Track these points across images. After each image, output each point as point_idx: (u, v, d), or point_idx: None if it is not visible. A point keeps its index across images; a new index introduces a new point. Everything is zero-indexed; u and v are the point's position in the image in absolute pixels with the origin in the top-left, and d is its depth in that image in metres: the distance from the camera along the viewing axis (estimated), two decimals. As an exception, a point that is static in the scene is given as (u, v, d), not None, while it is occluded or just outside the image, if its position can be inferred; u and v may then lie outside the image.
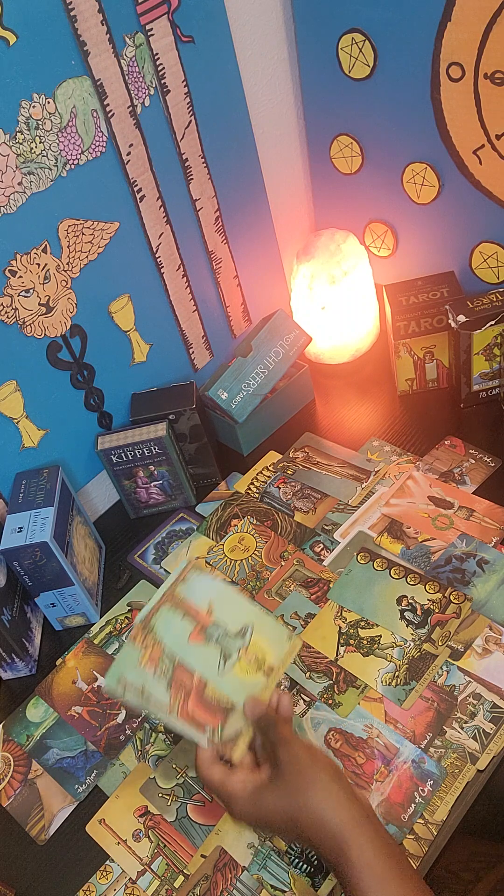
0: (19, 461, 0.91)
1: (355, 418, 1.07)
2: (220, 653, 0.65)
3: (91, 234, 0.86)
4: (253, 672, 0.64)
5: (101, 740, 0.79)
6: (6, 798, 0.77)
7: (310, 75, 1.02)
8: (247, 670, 0.64)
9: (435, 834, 0.66)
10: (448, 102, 0.89)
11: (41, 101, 0.75)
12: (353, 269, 1.05)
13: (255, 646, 0.65)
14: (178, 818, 0.71)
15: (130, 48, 0.80)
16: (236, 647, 0.65)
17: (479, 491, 0.92)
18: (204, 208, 0.98)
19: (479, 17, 0.80)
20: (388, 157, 1.01)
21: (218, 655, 0.65)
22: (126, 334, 0.97)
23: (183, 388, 0.99)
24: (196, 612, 0.67)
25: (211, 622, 0.66)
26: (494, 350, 0.97)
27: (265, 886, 0.66)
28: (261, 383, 1.02)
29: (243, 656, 0.65)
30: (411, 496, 0.93)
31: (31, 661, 0.87)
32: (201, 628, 0.66)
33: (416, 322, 1.00)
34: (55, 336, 0.88)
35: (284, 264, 1.17)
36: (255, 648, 0.65)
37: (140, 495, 0.99)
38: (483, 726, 0.71)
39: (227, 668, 0.64)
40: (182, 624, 0.66)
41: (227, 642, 0.65)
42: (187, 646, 0.65)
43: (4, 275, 0.79)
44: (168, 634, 0.65)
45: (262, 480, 1.02)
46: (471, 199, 0.96)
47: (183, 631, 0.66)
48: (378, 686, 0.76)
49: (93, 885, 0.69)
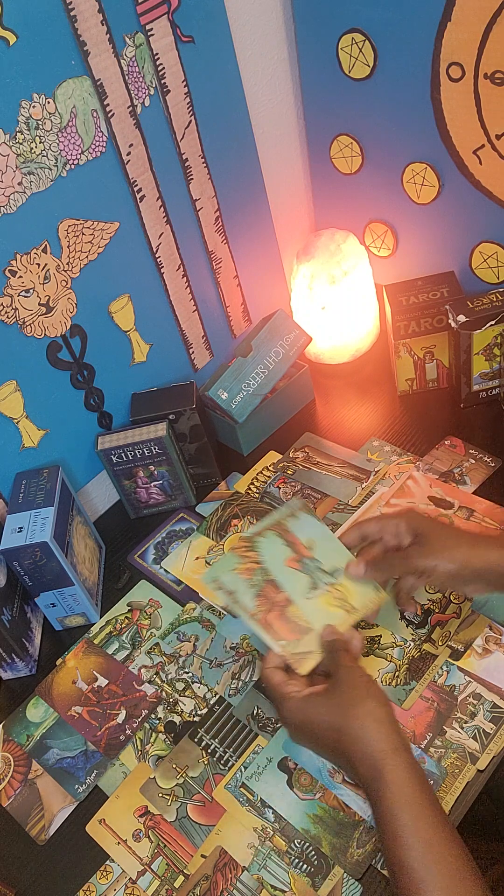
0: (19, 461, 0.91)
1: (355, 418, 1.07)
2: (311, 581, 0.72)
3: (91, 234, 0.86)
4: (336, 606, 0.70)
5: (101, 740, 0.79)
6: (6, 798, 0.77)
7: (310, 75, 1.02)
8: (330, 603, 0.70)
9: (435, 834, 0.66)
10: (448, 102, 0.89)
11: (41, 101, 0.75)
12: (353, 269, 1.05)
13: (343, 586, 0.72)
14: (178, 818, 0.71)
15: (130, 48, 0.80)
16: (324, 581, 0.72)
17: (479, 491, 0.92)
18: (204, 208, 0.98)
19: (479, 17, 0.80)
20: (388, 157, 1.01)
21: (308, 583, 0.72)
22: (126, 334, 0.97)
23: (183, 388, 0.99)
24: (297, 543, 0.75)
25: (308, 555, 0.74)
26: (494, 350, 0.97)
27: (265, 886, 0.66)
28: (261, 383, 1.02)
29: (330, 590, 0.71)
30: (411, 496, 0.93)
31: (31, 661, 0.87)
32: (299, 558, 0.74)
33: (416, 322, 1.00)
34: (55, 336, 0.88)
35: (284, 264, 1.17)
36: (342, 588, 0.72)
37: (140, 495, 0.99)
38: (483, 726, 0.71)
39: (313, 595, 0.70)
40: (283, 549, 0.74)
41: (318, 575, 0.72)
42: (283, 567, 0.72)
43: (4, 275, 0.79)
44: (268, 554, 0.73)
45: (262, 480, 1.02)
46: (471, 199, 0.96)
47: (282, 555, 0.73)
48: (378, 686, 0.76)
49: (93, 885, 0.69)
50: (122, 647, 0.87)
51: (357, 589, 0.72)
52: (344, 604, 0.71)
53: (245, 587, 0.70)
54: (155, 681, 0.82)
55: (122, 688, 0.83)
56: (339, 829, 0.67)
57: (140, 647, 0.86)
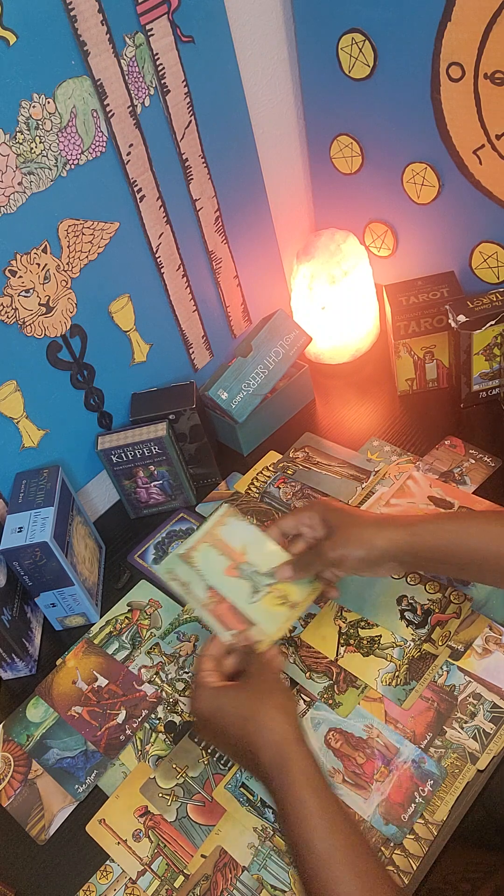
0: (19, 461, 0.91)
1: (355, 418, 1.07)
2: (252, 586, 0.74)
3: (91, 234, 0.86)
4: (279, 605, 0.73)
5: (101, 740, 0.79)
6: (6, 798, 0.77)
7: (310, 75, 1.02)
8: (274, 603, 0.73)
9: (435, 834, 0.66)
10: (448, 102, 0.89)
11: (41, 101, 0.75)
12: (353, 269, 1.05)
13: (282, 585, 0.74)
14: (178, 818, 0.71)
15: (130, 48, 0.80)
16: (264, 584, 0.74)
17: (479, 491, 0.92)
18: (204, 208, 0.98)
19: (479, 17, 0.80)
20: (388, 157, 1.01)
21: (249, 588, 0.74)
22: (126, 334, 0.97)
23: (183, 388, 0.99)
24: (232, 550, 0.77)
25: (244, 561, 0.76)
26: (494, 350, 0.97)
27: (265, 886, 0.66)
28: (261, 383, 1.02)
29: (272, 591, 0.74)
30: (411, 496, 0.93)
31: (31, 661, 0.87)
32: (236, 565, 0.76)
33: (416, 322, 1.00)
34: (55, 336, 0.88)
35: (284, 264, 1.17)
36: (281, 586, 0.74)
37: (140, 495, 0.99)
38: (483, 726, 0.71)
39: (256, 599, 0.73)
40: (219, 559, 0.76)
41: (256, 579, 0.75)
42: (223, 577, 0.75)
43: (4, 275, 0.79)
44: (206, 567, 0.75)
45: (262, 480, 1.02)
46: (471, 199, 0.96)
47: (220, 565, 0.75)
48: (378, 686, 0.76)
49: (93, 885, 0.69)
50: (122, 647, 0.87)
51: (295, 586, 0.75)
52: (286, 601, 0.73)
53: (197, 579, 0.73)
54: (155, 681, 0.82)
55: (122, 688, 0.83)
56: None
57: (140, 647, 0.86)
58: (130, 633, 0.88)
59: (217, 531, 0.79)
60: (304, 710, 0.76)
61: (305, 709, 0.76)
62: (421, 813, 0.67)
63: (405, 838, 0.66)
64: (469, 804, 0.67)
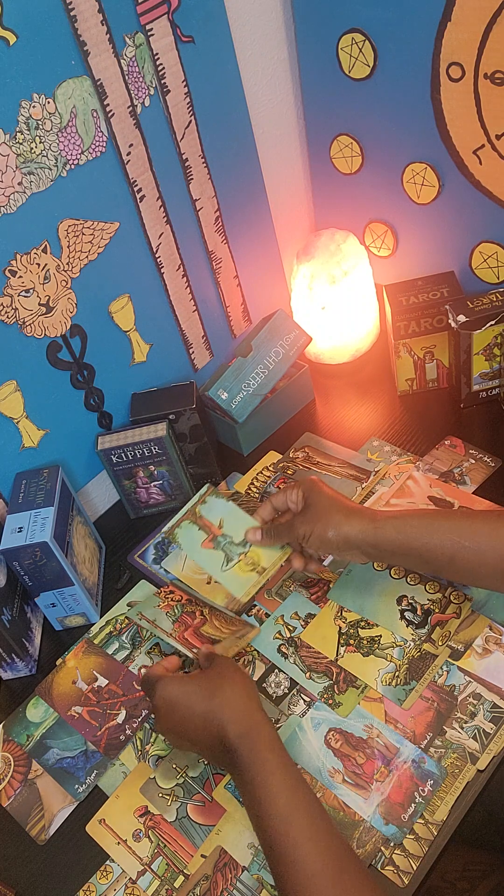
0: (19, 461, 0.91)
1: (355, 418, 1.07)
2: (224, 556, 0.84)
3: (91, 234, 0.86)
4: (248, 571, 0.82)
5: (101, 740, 0.79)
6: (6, 798, 0.77)
7: (310, 75, 1.02)
8: (244, 570, 0.83)
9: (435, 834, 0.66)
10: (448, 102, 0.89)
11: (41, 101, 0.75)
12: (353, 269, 1.05)
13: (253, 552, 0.83)
14: (178, 818, 0.71)
15: (130, 48, 0.80)
16: (237, 553, 0.84)
17: (479, 491, 0.92)
18: (204, 208, 0.98)
19: (479, 17, 0.80)
20: (388, 157, 1.01)
21: (223, 558, 0.84)
22: (126, 334, 0.97)
23: (183, 388, 0.99)
24: (210, 525, 0.86)
25: (220, 533, 0.85)
26: (494, 350, 0.97)
27: (265, 886, 0.66)
28: (261, 383, 1.02)
29: (242, 559, 0.83)
30: (411, 496, 0.93)
31: (31, 661, 0.87)
32: (212, 537, 0.85)
33: (416, 322, 1.00)
34: (55, 336, 0.88)
35: (284, 264, 1.17)
36: (252, 554, 0.83)
37: (140, 495, 0.99)
38: (483, 726, 0.71)
39: (228, 567, 0.83)
40: (198, 534, 0.86)
41: (230, 549, 0.84)
42: (199, 550, 0.85)
43: (4, 275, 0.79)
44: (185, 541, 0.85)
45: (263, 480, 1.02)
46: (471, 199, 0.96)
47: (198, 539, 0.85)
48: (378, 686, 0.76)
49: (93, 885, 0.69)
50: (122, 647, 0.87)
51: (264, 552, 0.83)
52: (256, 566, 0.82)
53: (163, 616, 0.81)
54: (155, 681, 0.82)
55: (122, 688, 0.83)
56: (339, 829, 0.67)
57: (140, 647, 0.86)
58: (130, 633, 0.88)
59: (197, 509, 0.87)
60: (305, 710, 0.76)
61: (305, 709, 0.76)
62: (421, 813, 0.67)
63: (405, 838, 0.66)
64: (469, 804, 0.67)
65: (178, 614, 0.84)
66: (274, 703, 0.77)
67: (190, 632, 0.82)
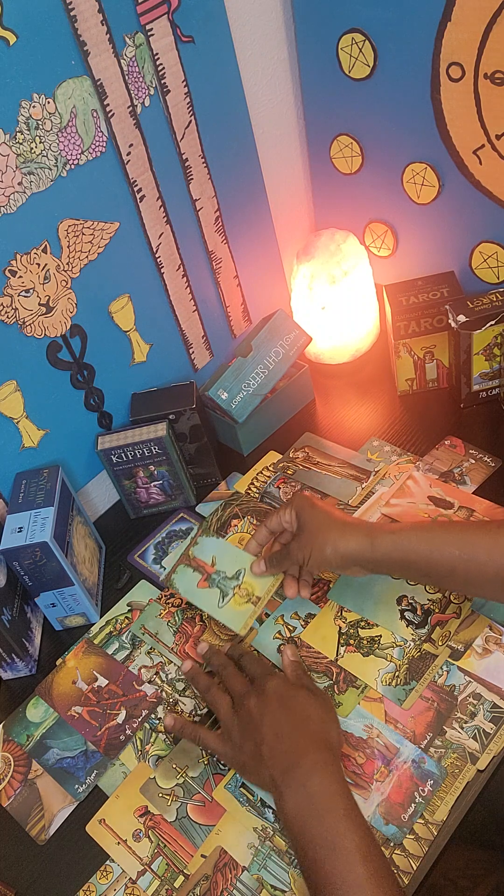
0: (19, 461, 0.91)
1: (355, 418, 1.07)
2: (220, 593, 0.86)
3: (91, 234, 0.86)
4: (244, 603, 0.84)
5: (101, 740, 0.79)
6: (6, 798, 0.77)
7: (310, 75, 1.02)
8: (239, 603, 0.84)
9: (435, 834, 0.66)
10: (448, 102, 0.89)
11: (41, 101, 0.75)
12: (353, 269, 1.05)
13: (247, 583, 0.85)
14: (178, 818, 0.71)
15: (130, 48, 0.80)
16: (231, 587, 0.86)
17: (479, 491, 0.92)
18: (204, 208, 0.98)
19: (479, 17, 0.80)
20: (388, 157, 1.01)
21: (218, 595, 0.86)
22: (126, 334, 0.97)
23: (183, 388, 0.99)
24: (203, 565, 0.89)
25: (214, 571, 0.88)
26: (494, 350, 0.97)
27: (265, 886, 0.66)
28: (261, 383, 1.02)
29: (237, 592, 0.85)
30: (411, 496, 0.93)
31: (31, 661, 0.87)
32: (206, 576, 0.87)
33: (416, 322, 1.00)
34: (55, 336, 0.88)
35: (284, 264, 1.17)
36: (246, 585, 0.85)
37: (140, 495, 0.99)
38: (483, 726, 0.71)
39: (224, 603, 0.85)
40: (193, 575, 0.88)
41: (224, 584, 0.86)
42: (196, 591, 0.87)
43: (4, 275, 0.79)
44: (182, 585, 0.88)
45: (262, 480, 1.02)
46: (471, 199, 0.96)
47: (193, 580, 0.88)
48: (378, 686, 0.76)
49: (93, 885, 0.69)
50: (122, 647, 0.87)
51: (257, 581, 0.85)
52: (250, 597, 0.84)
53: (165, 628, 0.86)
54: (155, 681, 0.82)
55: (122, 688, 0.83)
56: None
57: (140, 647, 0.86)
58: (130, 633, 0.88)
59: (190, 551, 0.91)
60: (304, 710, 0.76)
61: (305, 709, 0.76)
62: (421, 813, 0.67)
63: (405, 838, 0.66)
64: (469, 804, 0.67)
65: (179, 622, 0.87)
66: (274, 703, 0.77)
67: (190, 644, 0.84)
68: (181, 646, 0.84)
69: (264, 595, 0.84)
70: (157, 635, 0.86)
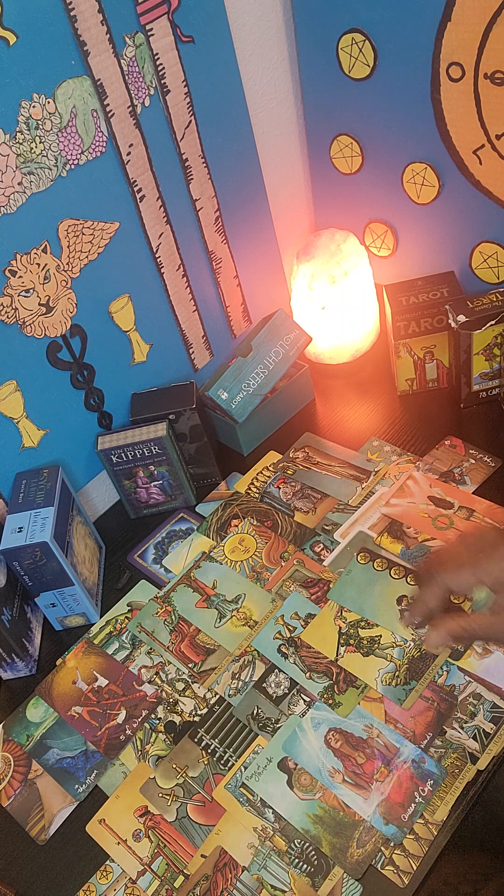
0: (19, 461, 0.91)
1: (355, 418, 1.07)
2: (217, 614, 0.87)
3: (91, 234, 0.86)
4: (240, 626, 0.85)
5: (101, 740, 0.79)
6: (6, 798, 0.77)
7: (310, 75, 1.02)
8: (235, 625, 0.85)
9: (435, 834, 0.66)
10: (448, 102, 0.89)
11: (41, 101, 0.75)
12: (353, 269, 1.05)
13: (245, 607, 0.87)
14: (178, 818, 0.71)
15: (130, 48, 0.80)
16: (230, 609, 0.87)
17: (479, 491, 0.92)
18: (204, 208, 0.98)
19: (479, 17, 0.80)
20: (388, 157, 1.01)
21: (216, 615, 0.87)
22: (126, 334, 0.97)
23: (183, 388, 0.99)
24: (204, 587, 0.90)
25: (214, 593, 0.89)
26: (494, 350, 0.97)
27: (265, 886, 0.66)
28: (261, 383, 1.02)
29: (235, 615, 0.86)
30: (411, 496, 0.93)
31: (31, 661, 0.87)
32: (206, 597, 0.89)
33: (416, 322, 1.00)
34: (55, 336, 0.88)
35: (284, 264, 1.17)
36: (244, 609, 0.86)
37: (140, 495, 0.99)
38: (483, 726, 0.71)
39: (221, 624, 0.86)
40: (192, 595, 0.89)
41: (223, 606, 0.87)
42: (194, 610, 0.88)
43: (4, 275, 0.79)
44: (180, 603, 0.89)
45: (262, 480, 1.02)
46: (471, 199, 0.96)
47: (192, 600, 0.89)
48: (378, 686, 0.76)
49: (93, 885, 0.69)
50: (122, 647, 0.87)
51: (256, 606, 0.86)
52: (248, 621, 0.85)
53: (162, 626, 0.87)
54: (155, 681, 0.82)
55: (122, 688, 0.83)
56: (338, 829, 0.67)
57: (140, 647, 0.86)
58: (130, 633, 0.88)
59: (193, 573, 0.92)
60: (305, 710, 0.76)
61: (305, 709, 0.76)
62: (421, 813, 0.67)
63: (405, 838, 0.66)
64: (469, 804, 0.67)
65: (175, 621, 0.87)
66: (274, 703, 0.77)
67: (186, 643, 0.85)
68: (177, 644, 0.84)
69: (262, 619, 0.84)
70: (154, 633, 0.86)
